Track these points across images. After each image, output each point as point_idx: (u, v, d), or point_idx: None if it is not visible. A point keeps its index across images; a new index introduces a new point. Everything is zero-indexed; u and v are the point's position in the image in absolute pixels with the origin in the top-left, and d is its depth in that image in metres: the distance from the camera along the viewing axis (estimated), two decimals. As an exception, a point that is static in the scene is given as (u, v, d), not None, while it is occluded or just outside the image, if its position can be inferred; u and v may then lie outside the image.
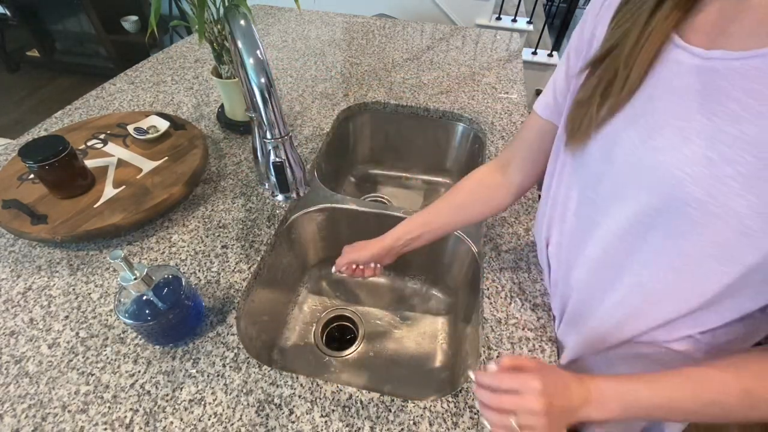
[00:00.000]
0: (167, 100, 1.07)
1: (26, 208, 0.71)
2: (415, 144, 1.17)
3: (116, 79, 1.16)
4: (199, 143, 0.86)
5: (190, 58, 1.27)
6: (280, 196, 0.62)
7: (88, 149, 0.85)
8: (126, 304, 0.53)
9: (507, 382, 0.42)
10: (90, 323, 0.62)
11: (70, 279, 0.67)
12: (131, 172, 0.80)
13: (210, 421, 0.52)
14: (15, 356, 0.58)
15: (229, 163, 0.90)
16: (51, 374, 0.56)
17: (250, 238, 0.74)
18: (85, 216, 0.71)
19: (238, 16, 0.51)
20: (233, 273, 0.69)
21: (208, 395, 0.55)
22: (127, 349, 0.59)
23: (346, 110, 1.09)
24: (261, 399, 0.54)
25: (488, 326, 0.62)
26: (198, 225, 0.76)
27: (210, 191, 0.83)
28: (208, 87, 1.13)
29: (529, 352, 0.59)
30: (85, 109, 1.04)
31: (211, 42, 0.85)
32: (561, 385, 0.43)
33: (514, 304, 0.66)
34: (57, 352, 0.58)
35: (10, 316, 0.62)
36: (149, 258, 0.71)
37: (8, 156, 0.89)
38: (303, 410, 0.53)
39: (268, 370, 0.57)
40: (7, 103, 2.73)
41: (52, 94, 2.82)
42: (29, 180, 0.77)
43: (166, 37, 2.73)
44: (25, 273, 0.68)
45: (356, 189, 1.21)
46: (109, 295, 0.65)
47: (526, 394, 0.41)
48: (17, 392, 0.54)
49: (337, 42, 1.39)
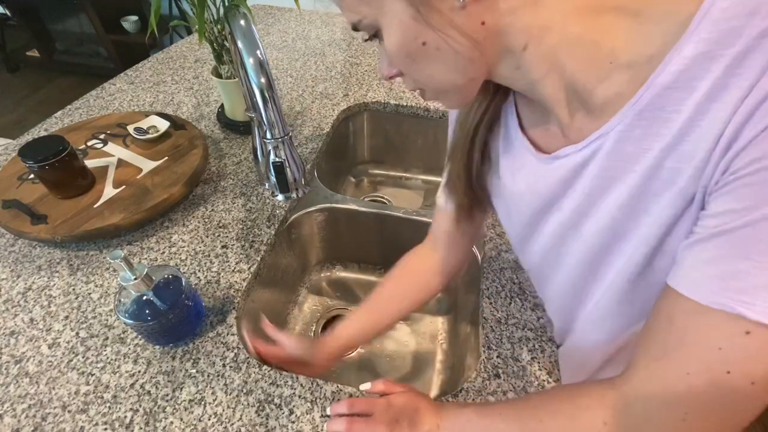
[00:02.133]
0: (167, 100, 1.07)
1: (26, 208, 0.71)
2: (415, 144, 1.17)
3: (116, 79, 1.16)
4: (199, 143, 0.86)
5: (190, 58, 1.27)
6: (280, 196, 0.62)
7: (88, 149, 0.85)
8: (126, 304, 0.53)
9: (358, 406, 0.47)
10: (90, 323, 0.62)
11: (70, 279, 0.67)
12: (131, 172, 0.80)
13: (210, 421, 0.52)
14: (15, 356, 0.58)
15: (229, 163, 0.90)
16: (51, 374, 0.56)
17: (250, 238, 0.74)
18: (85, 216, 0.71)
19: (238, 16, 0.51)
20: (233, 273, 0.69)
21: (208, 395, 0.54)
22: (127, 349, 0.59)
23: (346, 110, 1.09)
24: (261, 399, 0.54)
25: (488, 326, 0.62)
26: (198, 225, 0.76)
27: (210, 191, 0.83)
28: (208, 87, 1.13)
29: (528, 352, 0.59)
30: (85, 109, 1.04)
31: (211, 42, 0.85)
32: (410, 410, 0.46)
33: (514, 304, 0.66)
34: (57, 352, 0.58)
35: (10, 316, 0.62)
36: (149, 258, 0.71)
37: (8, 156, 0.89)
38: (303, 410, 0.53)
39: (268, 370, 0.57)
40: (7, 103, 2.73)
41: (52, 94, 2.82)
42: (29, 180, 0.77)
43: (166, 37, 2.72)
44: (25, 273, 0.68)
45: (356, 189, 1.21)
46: (109, 295, 0.65)
47: (374, 417, 0.45)
48: (17, 392, 0.54)
49: (337, 42, 1.39)
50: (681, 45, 0.26)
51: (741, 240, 0.25)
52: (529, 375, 0.57)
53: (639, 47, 0.28)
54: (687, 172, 0.28)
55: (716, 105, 0.25)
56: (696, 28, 0.25)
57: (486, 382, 0.56)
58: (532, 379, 0.57)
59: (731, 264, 0.25)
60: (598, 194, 0.35)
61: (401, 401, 0.47)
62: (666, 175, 0.30)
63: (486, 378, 0.57)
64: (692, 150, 0.27)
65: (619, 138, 0.31)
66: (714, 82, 0.25)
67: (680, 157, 0.28)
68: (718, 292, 0.26)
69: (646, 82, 0.28)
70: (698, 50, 0.26)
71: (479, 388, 0.56)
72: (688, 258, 0.29)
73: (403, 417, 0.45)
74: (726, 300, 0.25)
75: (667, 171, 0.29)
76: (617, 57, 0.29)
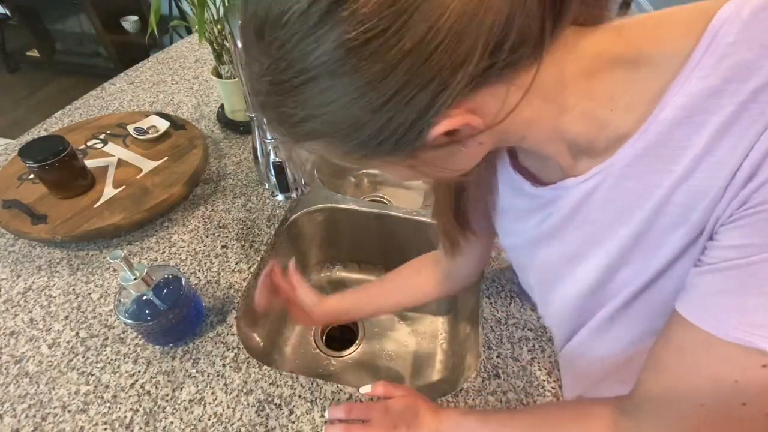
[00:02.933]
0: (167, 100, 1.07)
1: (26, 208, 0.71)
2: (415, 144, 1.17)
3: (116, 79, 1.16)
4: (199, 143, 0.86)
5: (190, 58, 1.27)
6: (280, 196, 0.62)
7: (88, 149, 0.85)
8: (126, 304, 0.53)
9: (356, 412, 0.47)
10: (90, 323, 0.62)
11: (70, 279, 0.67)
12: (131, 172, 0.80)
13: (210, 421, 0.52)
14: (15, 356, 0.58)
15: (229, 163, 0.90)
16: (51, 374, 0.56)
17: (250, 238, 0.74)
18: (85, 216, 0.71)
19: (238, 16, 0.51)
20: (233, 273, 0.69)
21: (208, 395, 0.54)
22: (127, 349, 0.59)
23: (346, 110, 1.09)
24: (261, 399, 0.54)
25: (488, 326, 0.62)
26: (198, 225, 0.76)
27: (210, 191, 0.83)
28: (208, 87, 1.13)
29: (528, 352, 0.59)
30: (85, 109, 1.04)
31: (211, 42, 0.85)
32: (409, 415, 0.46)
33: (514, 304, 0.66)
34: (57, 352, 0.58)
35: (10, 316, 0.62)
36: (149, 258, 0.71)
37: (8, 156, 0.89)
38: (303, 410, 0.53)
39: (268, 370, 0.57)
40: (7, 103, 2.73)
41: (52, 94, 2.82)
42: (29, 180, 0.77)
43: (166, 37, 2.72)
44: (25, 273, 0.68)
45: (356, 189, 1.21)
46: (109, 295, 0.65)
47: (372, 423, 0.45)
48: (17, 392, 0.54)
49: (337, 42, 1.39)
50: (683, 81, 0.26)
51: (759, 274, 0.25)
52: (529, 375, 0.57)
53: (638, 89, 0.28)
54: (700, 207, 0.27)
55: (730, 140, 0.25)
56: (698, 63, 0.25)
57: (486, 382, 0.56)
58: (532, 379, 0.56)
59: (749, 297, 0.25)
60: (603, 227, 0.34)
61: (400, 406, 0.47)
62: (676, 210, 0.29)
63: (486, 378, 0.57)
64: (703, 185, 0.27)
65: (622, 174, 0.31)
66: (727, 116, 0.25)
67: (691, 193, 0.28)
68: (735, 325, 0.26)
69: (648, 118, 0.28)
70: (704, 85, 0.25)
71: (479, 388, 0.56)
72: (701, 287, 0.28)
73: (401, 423, 0.45)
74: (742, 334, 0.25)
75: (677, 207, 0.29)
76: (616, 103, 0.29)
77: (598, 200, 0.33)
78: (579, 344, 0.49)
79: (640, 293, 0.35)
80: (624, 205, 0.32)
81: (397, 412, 0.46)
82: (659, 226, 0.30)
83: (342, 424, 0.47)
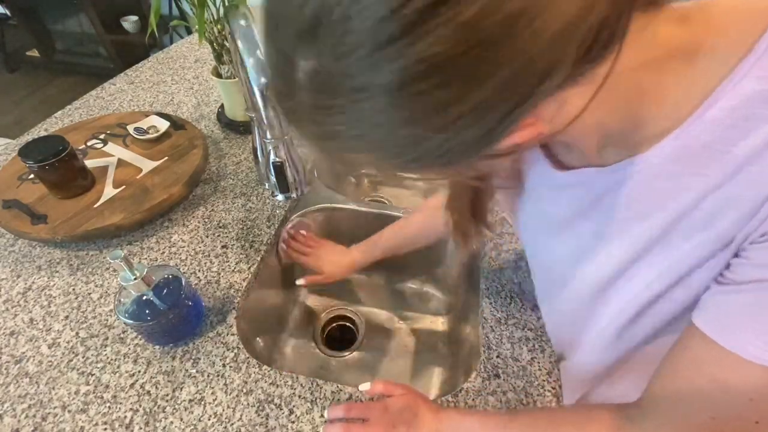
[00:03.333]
0: (167, 100, 1.07)
1: (26, 208, 0.71)
2: (415, 144, 1.17)
3: (116, 79, 1.16)
4: (199, 143, 0.86)
5: (190, 58, 1.27)
6: (280, 196, 0.62)
7: (88, 149, 0.85)
8: (126, 304, 0.53)
9: (355, 411, 0.47)
10: (90, 323, 0.62)
11: (70, 279, 0.67)
12: (131, 172, 0.80)
13: (210, 421, 0.52)
14: (15, 356, 0.58)
15: (229, 163, 0.90)
16: (51, 374, 0.56)
17: (250, 238, 0.74)
18: (85, 216, 0.71)
19: (238, 16, 0.51)
20: (233, 273, 0.69)
21: (208, 395, 0.54)
22: (127, 349, 0.59)
23: (346, 110, 1.09)
24: (261, 399, 0.54)
25: (488, 326, 0.62)
26: (198, 225, 0.76)
27: (210, 191, 0.83)
28: (208, 87, 1.13)
29: (528, 352, 0.59)
30: (85, 109, 1.04)
31: (211, 42, 0.84)
32: (408, 415, 0.45)
33: (514, 304, 0.66)
34: (57, 352, 0.58)
35: (10, 316, 0.62)
36: (149, 258, 0.71)
37: (8, 156, 0.89)
38: (303, 410, 0.53)
39: (268, 370, 0.57)
40: (7, 103, 2.73)
41: (52, 94, 2.82)
42: (29, 180, 0.77)
43: (166, 37, 2.72)
44: (25, 273, 0.68)
45: (356, 189, 1.21)
46: (109, 295, 0.65)
47: (371, 422, 0.45)
48: (17, 392, 0.54)
49: (337, 42, 1.39)
50: (737, 79, 0.23)
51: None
52: (529, 375, 0.57)
53: (691, 84, 0.26)
54: (729, 217, 0.26)
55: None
56: (757, 60, 0.22)
57: (486, 382, 0.56)
58: (532, 379, 0.56)
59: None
60: (621, 222, 0.33)
61: (399, 405, 0.46)
62: (702, 217, 0.27)
63: (486, 378, 0.57)
64: (738, 194, 0.25)
65: (653, 171, 0.29)
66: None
67: (722, 200, 0.26)
68: (761, 346, 0.25)
69: (692, 116, 0.26)
70: (761, 87, 0.23)
71: (479, 388, 0.56)
72: (723, 305, 0.27)
73: (400, 422, 0.44)
74: (761, 352, 0.25)
75: (704, 214, 0.27)
76: (665, 98, 0.27)
77: (621, 194, 0.32)
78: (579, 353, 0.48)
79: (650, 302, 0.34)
80: (647, 203, 0.30)
81: (397, 411, 0.46)
82: (679, 231, 0.29)
83: (341, 423, 0.47)
